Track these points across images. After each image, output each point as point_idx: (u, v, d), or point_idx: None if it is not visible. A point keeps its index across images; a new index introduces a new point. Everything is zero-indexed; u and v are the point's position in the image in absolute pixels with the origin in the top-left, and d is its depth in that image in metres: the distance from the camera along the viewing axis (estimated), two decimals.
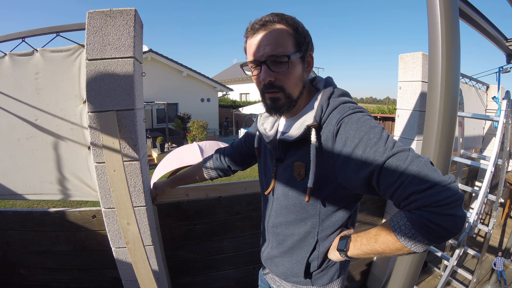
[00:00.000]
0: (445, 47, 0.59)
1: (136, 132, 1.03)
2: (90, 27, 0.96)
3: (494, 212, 1.91)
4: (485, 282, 2.15)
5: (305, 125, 0.68)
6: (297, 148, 0.73)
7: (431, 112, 0.64)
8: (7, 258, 1.35)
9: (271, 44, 0.66)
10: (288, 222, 0.80)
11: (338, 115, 0.66)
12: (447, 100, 0.61)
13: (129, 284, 1.23)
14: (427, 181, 0.53)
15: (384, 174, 0.57)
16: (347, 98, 0.72)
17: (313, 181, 0.67)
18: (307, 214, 0.75)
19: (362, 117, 0.65)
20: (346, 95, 0.74)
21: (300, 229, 0.78)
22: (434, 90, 0.62)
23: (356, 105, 0.71)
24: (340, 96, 0.72)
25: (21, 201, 4.92)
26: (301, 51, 0.69)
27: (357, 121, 0.64)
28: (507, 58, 2.23)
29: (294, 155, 0.74)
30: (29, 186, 1.20)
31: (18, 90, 1.12)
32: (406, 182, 0.54)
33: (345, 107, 0.68)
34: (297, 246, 0.80)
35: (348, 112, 0.66)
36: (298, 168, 0.72)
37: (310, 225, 0.76)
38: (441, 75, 0.60)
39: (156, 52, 11.71)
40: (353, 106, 0.69)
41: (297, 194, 0.74)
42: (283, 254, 0.84)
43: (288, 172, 0.76)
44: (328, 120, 0.68)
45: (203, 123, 11.08)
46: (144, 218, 1.13)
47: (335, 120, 0.66)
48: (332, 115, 0.67)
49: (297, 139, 0.70)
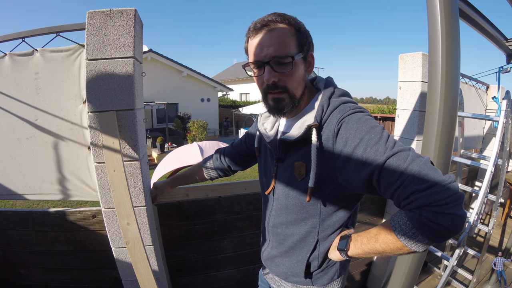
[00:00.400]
0: (445, 47, 0.59)
1: (136, 132, 1.03)
2: (90, 27, 0.96)
3: (494, 212, 1.91)
4: (485, 282, 2.15)
5: (305, 125, 0.68)
6: (297, 148, 0.73)
7: (431, 112, 0.64)
8: (7, 258, 1.35)
9: (274, 44, 0.65)
10: (289, 222, 0.80)
11: (339, 115, 0.66)
12: (447, 100, 0.61)
13: (129, 284, 1.23)
14: (428, 181, 0.53)
15: (384, 174, 0.57)
16: (347, 98, 0.72)
17: (314, 181, 0.67)
18: (308, 214, 0.75)
19: (362, 117, 0.65)
20: (346, 95, 0.74)
21: (301, 229, 0.78)
22: (434, 90, 0.62)
23: (356, 105, 0.71)
24: (341, 96, 0.72)
25: (21, 201, 4.92)
26: (303, 51, 0.69)
27: (357, 121, 0.64)
28: (507, 58, 2.23)
29: (295, 155, 0.74)
30: (29, 186, 1.20)
31: (18, 90, 1.12)
32: (406, 181, 0.54)
33: (345, 107, 0.68)
34: (297, 246, 0.80)
35: (348, 112, 0.66)
36: (298, 168, 0.72)
37: (311, 225, 0.76)
38: (441, 75, 0.60)
39: (156, 52, 11.71)
40: (354, 106, 0.69)
41: (297, 194, 0.74)
42: (283, 254, 0.84)
43: (289, 172, 0.76)
44: (329, 120, 0.68)
45: (203, 123, 11.08)
46: (144, 218, 1.13)
47: (335, 120, 0.66)
48: (332, 115, 0.68)
49: (297, 139, 0.70)
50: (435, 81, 0.61)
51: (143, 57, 1.29)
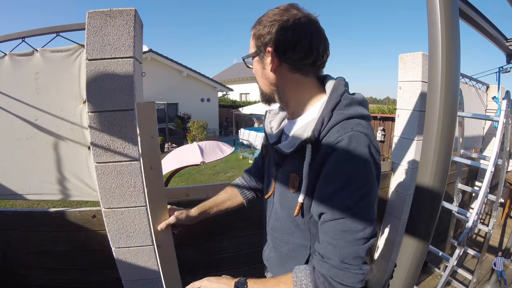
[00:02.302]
0: (445, 47, 0.59)
1: (136, 132, 1.03)
2: (90, 27, 0.96)
3: (494, 212, 1.91)
4: (485, 282, 2.15)
5: (303, 138, 0.65)
6: (294, 157, 0.70)
7: (431, 112, 0.64)
8: (7, 258, 1.34)
9: None
10: (283, 229, 0.79)
11: (337, 134, 0.61)
12: (447, 100, 0.61)
13: (129, 284, 1.23)
14: (346, 258, 0.59)
15: (326, 225, 0.62)
16: (353, 110, 0.65)
17: (304, 197, 0.66)
18: (299, 227, 0.74)
19: (356, 148, 0.59)
20: (354, 104, 0.66)
21: (294, 239, 0.76)
22: (434, 90, 0.62)
23: (361, 121, 0.64)
24: (347, 107, 0.65)
25: (21, 201, 4.92)
26: (259, 51, 0.71)
27: (346, 154, 0.59)
28: (507, 58, 2.23)
29: (291, 163, 0.73)
30: (29, 186, 1.20)
31: (18, 90, 1.12)
32: (334, 244, 0.60)
33: (347, 125, 0.61)
34: (291, 255, 0.79)
35: (348, 132, 0.60)
36: (292, 180, 0.71)
37: (302, 238, 0.75)
38: (441, 75, 0.60)
39: (156, 52, 11.71)
40: (357, 124, 0.62)
41: (290, 205, 0.73)
42: (278, 260, 0.84)
43: (285, 181, 0.74)
44: (327, 137, 0.63)
45: (203, 123, 11.08)
46: (144, 218, 1.13)
47: (333, 140, 0.61)
48: (331, 132, 0.62)
49: (291, 153, 0.68)
50: (435, 81, 0.61)
51: (143, 57, 1.29)
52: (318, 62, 0.69)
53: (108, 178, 1.05)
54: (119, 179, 1.05)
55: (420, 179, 0.67)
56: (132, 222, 1.11)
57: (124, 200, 1.08)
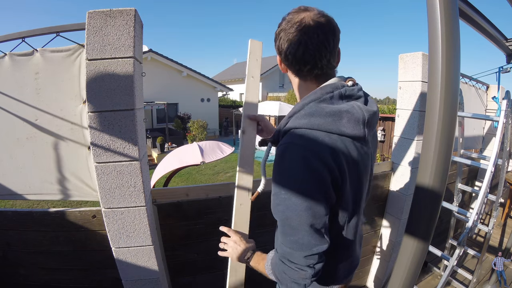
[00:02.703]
0: (445, 47, 0.59)
1: (136, 132, 1.03)
2: (90, 27, 0.96)
3: (494, 212, 1.92)
4: (485, 282, 2.15)
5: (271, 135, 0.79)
6: None
7: (431, 112, 0.64)
8: (7, 258, 1.35)
9: None
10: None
11: (281, 142, 0.70)
12: (447, 100, 0.61)
13: (129, 284, 1.23)
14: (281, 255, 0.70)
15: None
16: (305, 120, 0.65)
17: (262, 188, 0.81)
18: None
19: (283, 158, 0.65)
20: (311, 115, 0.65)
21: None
22: (434, 90, 0.62)
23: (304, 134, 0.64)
24: (304, 117, 0.66)
25: (21, 201, 4.92)
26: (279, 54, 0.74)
27: (278, 161, 0.66)
28: (507, 58, 2.23)
29: None
30: (29, 186, 1.20)
31: (18, 90, 1.12)
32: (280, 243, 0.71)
33: (289, 136, 0.68)
34: None
35: (283, 145, 0.67)
36: None
37: None
38: (441, 75, 0.60)
39: (156, 52, 11.70)
40: (296, 135, 0.66)
41: None
42: None
43: None
44: (280, 142, 0.71)
45: (203, 123, 11.08)
46: (144, 218, 1.13)
47: (279, 146, 0.69)
48: (282, 140, 0.71)
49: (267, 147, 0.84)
50: (435, 81, 0.61)
51: (143, 57, 1.29)
52: (314, 71, 0.69)
53: (108, 178, 1.05)
54: (119, 179, 1.06)
55: (420, 179, 0.67)
56: (132, 222, 1.11)
57: (124, 200, 1.08)
